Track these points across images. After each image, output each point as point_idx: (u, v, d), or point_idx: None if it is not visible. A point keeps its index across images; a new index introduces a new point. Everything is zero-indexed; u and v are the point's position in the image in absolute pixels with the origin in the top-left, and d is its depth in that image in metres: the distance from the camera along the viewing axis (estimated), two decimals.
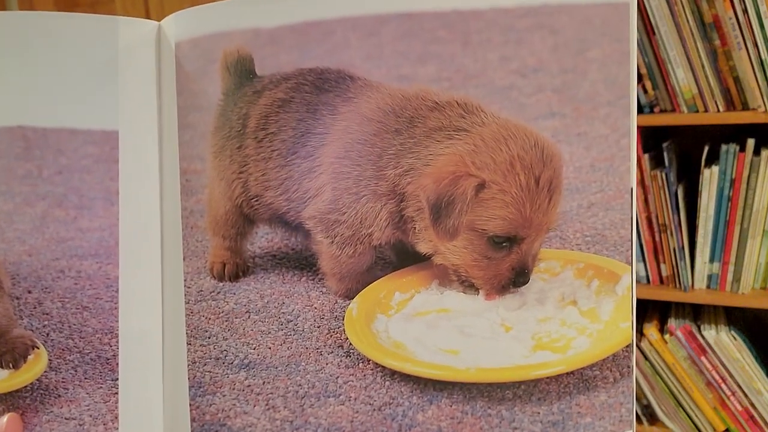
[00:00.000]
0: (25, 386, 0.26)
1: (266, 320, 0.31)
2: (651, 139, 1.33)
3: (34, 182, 0.25)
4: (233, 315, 0.30)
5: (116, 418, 0.25)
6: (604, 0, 0.28)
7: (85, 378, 0.26)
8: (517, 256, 0.34)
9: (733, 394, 1.27)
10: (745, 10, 1.13)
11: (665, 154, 1.24)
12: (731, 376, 1.26)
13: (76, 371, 0.26)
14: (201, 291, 0.29)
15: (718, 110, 1.21)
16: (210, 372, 0.28)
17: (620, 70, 0.27)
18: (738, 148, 1.19)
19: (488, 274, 0.34)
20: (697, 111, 1.23)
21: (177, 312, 0.26)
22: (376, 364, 0.33)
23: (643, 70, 1.25)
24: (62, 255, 0.26)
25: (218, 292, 0.30)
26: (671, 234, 1.27)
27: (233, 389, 0.29)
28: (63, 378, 0.26)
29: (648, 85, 1.26)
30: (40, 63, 0.23)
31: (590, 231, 0.35)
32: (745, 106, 1.19)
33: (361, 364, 0.33)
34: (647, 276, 1.32)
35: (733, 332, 1.25)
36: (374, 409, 0.32)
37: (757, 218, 1.21)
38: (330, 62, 0.30)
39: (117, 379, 0.25)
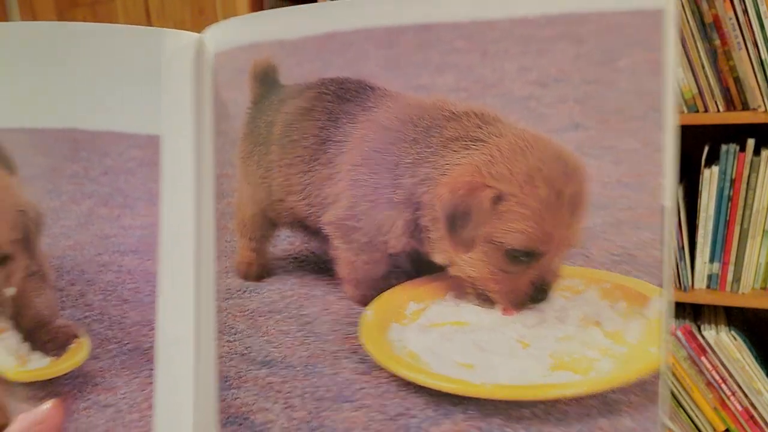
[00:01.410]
0: (66, 374, 0.28)
1: (286, 321, 0.32)
2: None
3: (80, 181, 0.27)
4: (257, 314, 0.31)
5: (151, 406, 0.27)
6: (634, 7, 0.27)
7: (123, 367, 0.28)
8: (536, 271, 0.33)
9: (733, 394, 1.27)
10: (745, 10, 1.13)
11: None
12: (731, 376, 1.26)
13: (114, 361, 0.28)
14: (229, 289, 0.30)
15: (718, 110, 1.21)
16: (235, 367, 0.29)
17: (652, 81, 0.26)
18: (738, 148, 1.19)
19: (505, 288, 0.34)
20: (697, 111, 1.23)
21: (208, 308, 0.27)
22: (391, 372, 0.33)
23: None
24: (105, 250, 0.28)
25: (244, 291, 0.31)
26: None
27: (255, 385, 0.30)
28: (102, 367, 0.28)
29: None
30: (90, 71, 0.25)
31: (618, 250, 0.34)
32: (745, 106, 1.19)
33: (375, 372, 0.33)
34: None
35: (733, 332, 1.25)
36: (388, 419, 0.31)
37: (757, 218, 1.21)
38: (350, 72, 0.29)
39: (152, 369, 0.27)
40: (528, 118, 0.32)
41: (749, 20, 1.13)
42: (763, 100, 1.16)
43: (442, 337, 0.34)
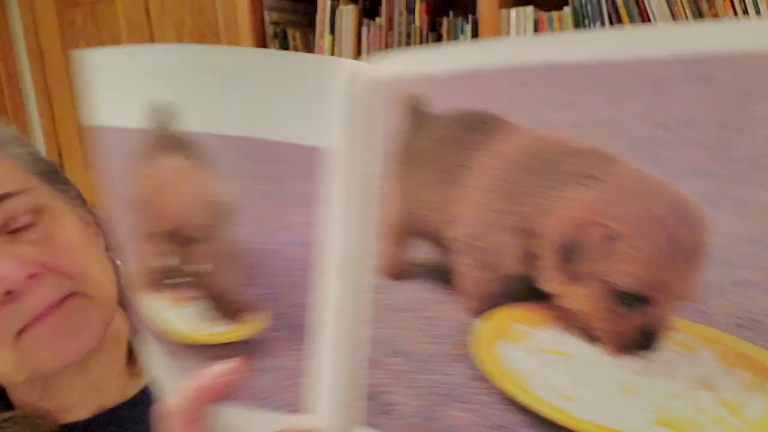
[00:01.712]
0: (242, 341, 0.33)
1: (414, 319, 0.35)
2: None
3: (257, 182, 0.32)
4: (392, 309, 0.35)
5: (304, 375, 0.33)
6: None
7: (284, 340, 0.33)
8: (643, 318, 0.32)
9: None
10: (745, 11, 1.13)
11: None
12: None
13: (278, 333, 0.33)
14: (371, 284, 0.34)
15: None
16: (372, 351, 0.34)
17: None
18: None
19: (611, 328, 0.33)
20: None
21: (355, 298, 0.33)
22: (496, 385, 0.35)
23: None
24: (276, 241, 0.32)
25: (383, 288, 0.35)
26: None
27: (386, 370, 0.34)
28: (268, 338, 0.33)
29: None
30: (269, 90, 0.31)
31: (741, 313, 0.31)
32: None
33: (483, 380, 0.35)
34: None
35: None
36: (488, 427, 0.33)
37: None
38: (484, 106, 0.32)
39: (308, 344, 0.32)
40: (649, 160, 0.31)
41: None
42: None
43: (545, 364, 0.35)
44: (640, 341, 0.33)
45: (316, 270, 0.32)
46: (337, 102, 0.29)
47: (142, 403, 0.56)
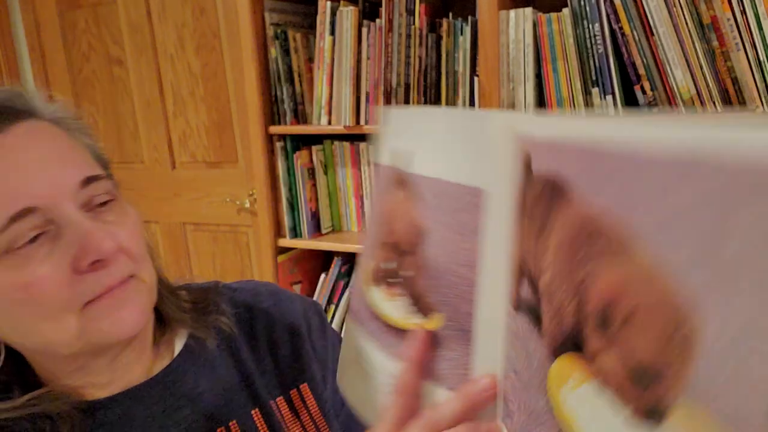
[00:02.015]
0: (428, 331, 0.44)
1: (521, 347, 0.42)
2: None
3: (440, 213, 0.40)
4: (512, 333, 0.41)
5: (469, 368, 0.42)
6: None
7: (456, 338, 0.41)
8: (653, 392, 0.33)
9: None
10: (743, 11, 1.14)
11: None
12: None
13: (452, 332, 0.42)
14: (507, 310, 0.40)
15: (717, 111, 1.22)
16: (506, 364, 0.41)
17: None
18: None
19: (629, 395, 0.35)
20: (696, 111, 1.24)
21: (500, 317, 0.40)
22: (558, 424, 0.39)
23: (642, 71, 1.26)
24: (452, 261, 0.40)
25: (511, 314, 0.41)
26: None
27: (512, 384, 0.41)
28: (445, 334, 0.42)
29: (646, 85, 1.26)
30: (451, 140, 0.39)
31: (729, 410, 0.31)
32: (743, 107, 1.20)
33: (554, 418, 0.40)
34: None
35: None
36: None
37: None
38: (568, 173, 0.35)
39: (472, 344, 0.41)
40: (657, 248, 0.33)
41: (747, 21, 1.14)
42: (761, 101, 1.17)
43: (590, 416, 0.37)
44: (648, 414, 0.34)
45: (477, 288, 0.38)
46: (492, 150, 0.34)
47: (162, 383, 0.59)
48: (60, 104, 0.57)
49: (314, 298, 1.77)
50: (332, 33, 1.55)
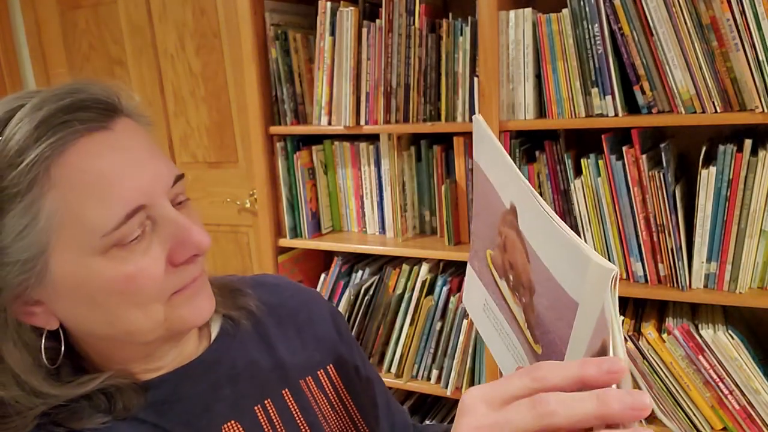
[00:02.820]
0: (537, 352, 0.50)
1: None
2: (649, 140, 1.34)
3: (550, 289, 0.44)
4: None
5: None
6: None
7: (554, 354, 0.46)
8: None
9: (731, 392, 1.28)
10: (742, 12, 1.14)
11: (663, 155, 1.25)
12: (729, 375, 1.27)
13: (550, 347, 0.47)
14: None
15: (716, 111, 1.22)
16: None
17: None
18: (735, 148, 1.20)
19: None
20: (695, 112, 1.24)
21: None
22: None
23: (641, 72, 1.26)
24: (551, 317, 0.46)
25: None
26: (669, 234, 1.28)
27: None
28: (542, 353, 0.49)
29: (646, 86, 1.26)
30: (562, 254, 0.42)
31: None
32: (743, 107, 1.20)
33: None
34: (645, 276, 1.33)
35: (730, 331, 1.26)
36: None
37: (754, 218, 1.22)
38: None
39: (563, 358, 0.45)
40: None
41: (746, 21, 1.14)
42: (761, 101, 1.17)
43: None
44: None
45: (564, 346, 0.44)
46: (589, 283, 0.40)
47: (204, 362, 0.64)
48: (140, 103, 0.59)
49: None
50: (332, 33, 1.56)
